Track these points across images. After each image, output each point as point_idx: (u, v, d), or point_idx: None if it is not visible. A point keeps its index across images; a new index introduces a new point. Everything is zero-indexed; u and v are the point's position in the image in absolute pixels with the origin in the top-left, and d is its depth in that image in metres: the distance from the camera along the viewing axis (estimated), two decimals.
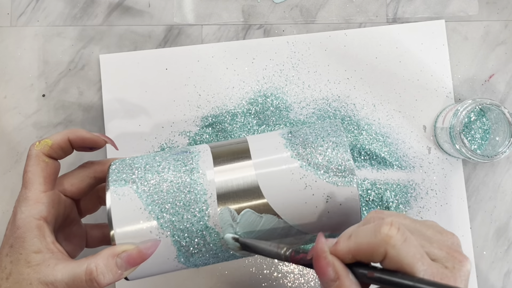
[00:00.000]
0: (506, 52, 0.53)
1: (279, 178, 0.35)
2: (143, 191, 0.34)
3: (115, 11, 0.55)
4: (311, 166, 0.35)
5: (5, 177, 0.53)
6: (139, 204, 0.34)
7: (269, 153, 0.36)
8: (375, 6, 0.54)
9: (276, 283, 0.51)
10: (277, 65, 0.53)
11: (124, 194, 0.34)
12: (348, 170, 0.35)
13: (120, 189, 0.35)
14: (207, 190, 0.34)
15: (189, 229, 0.34)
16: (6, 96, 0.53)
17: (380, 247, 0.27)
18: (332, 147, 0.35)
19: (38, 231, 0.34)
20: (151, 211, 0.34)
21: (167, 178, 0.35)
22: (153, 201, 0.34)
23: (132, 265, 0.34)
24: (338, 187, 0.35)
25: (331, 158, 0.35)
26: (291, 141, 0.36)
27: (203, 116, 0.53)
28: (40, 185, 0.36)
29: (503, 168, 0.52)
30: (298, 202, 0.35)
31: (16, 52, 0.54)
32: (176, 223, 0.34)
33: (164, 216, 0.34)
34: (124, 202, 0.34)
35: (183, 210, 0.34)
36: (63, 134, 0.37)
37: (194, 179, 0.35)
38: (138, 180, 0.35)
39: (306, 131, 0.37)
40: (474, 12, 0.54)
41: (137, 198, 0.34)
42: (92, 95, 0.53)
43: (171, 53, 0.53)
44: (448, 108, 0.51)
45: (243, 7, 0.54)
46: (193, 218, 0.34)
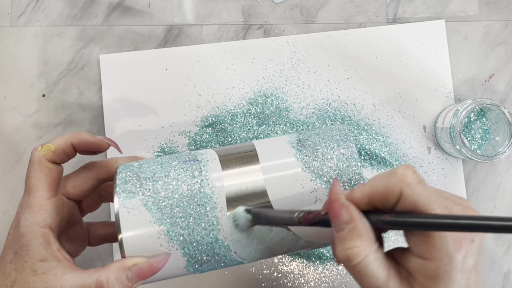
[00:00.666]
0: (506, 52, 0.53)
1: (289, 191, 0.35)
2: (153, 204, 0.34)
3: (115, 11, 0.55)
4: (322, 180, 0.35)
5: (5, 177, 0.53)
6: (148, 218, 0.34)
7: (280, 167, 0.36)
8: (375, 6, 0.54)
9: (276, 283, 0.51)
10: (277, 65, 0.53)
11: (133, 208, 0.34)
12: (358, 183, 0.34)
13: (128, 202, 0.34)
14: (217, 204, 0.34)
15: (199, 242, 0.34)
16: (6, 96, 0.53)
17: (395, 186, 0.27)
18: (343, 160, 0.35)
19: (43, 239, 0.34)
20: (161, 224, 0.34)
21: (176, 191, 0.34)
22: (162, 215, 0.34)
23: (143, 278, 0.34)
24: None
25: (342, 172, 0.35)
26: (301, 152, 0.36)
27: (203, 116, 0.53)
28: (44, 191, 0.35)
29: (503, 168, 0.52)
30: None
31: (16, 52, 0.54)
32: (186, 236, 0.34)
33: (174, 229, 0.34)
34: (133, 215, 0.34)
35: (193, 224, 0.34)
36: (66, 138, 0.37)
37: (204, 192, 0.34)
38: (147, 192, 0.34)
39: (315, 140, 0.37)
40: (474, 12, 0.54)
41: (146, 212, 0.34)
42: (92, 95, 0.53)
43: (171, 53, 0.53)
44: (448, 108, 0.51)
45: (243, 7, 0.54)
46: (203, 231, 0.34)
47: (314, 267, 0.51)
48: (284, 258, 0.51)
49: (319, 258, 0.51)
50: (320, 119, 0.52)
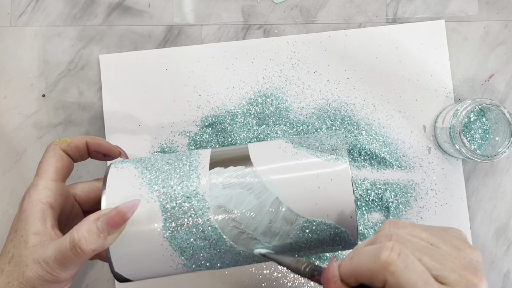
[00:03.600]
0: (506, 52, 0.53)
1: (270, 154, 0.36)
2: (141, 165, 0.37)
3: (115, 11, 0.55)
4: (303, 147, 0.36)
5: (5, 177, 0.53)
6: (134, 172, 0.36)
7: (265, 142, 0.39)
8: (375, 6, 0.54)
9: (276, 283, 0.51)
10: (277, 65, 0.53)
11: (123, 167, 0.37)
12: (340, 149, 0.36)
13: (120, 164, 0.37)
14: (199, 163, 0.36)
15: (178, 195, 0.34)
16: (6, 96, 0.53)
17: (379, 273, 0.26)
18: (327, 136, 0.37)
19: (41, 213, 0.35)
20: (143, 177, 0.35)
21: (164, 158, 0.38)
22: (147, 170, 0.36)
23: (113, 226, 0.33)
24: (329, 162, 0.35)
25: (324, 141, 0.37)
26: (288, 138, 0.38)
27: (203, 116, 0.53)
28: (51, 174, 0.37)
29: (503, 168, 0.52)
30: (289, 176, 0.35)
31: (16, 52, 0.54)
32: (167, 186, 0.35)
33: (156, 181, 0.35)
34: (121, 172, 0.36)
35: (175, 178, 0.35)
36: (82, 137, 0.40)
37: (191, 155, 0.37)
38: (140, 161, 0.37)
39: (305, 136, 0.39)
40: (474, 12, 0.54)
41: (134, 169, 0.36)
42: (92, 95, 0.53)
43: (171, 53, 0.53)
44: (448, 108, 0.51)
45: (243, 7, 0.54)
46: (184, 184, 0.35)
47: None
48: None
49: (319, 258, 0.51)
50: (320, 119, 0.52)
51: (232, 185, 0.35)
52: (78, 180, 0.52)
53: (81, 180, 0.52)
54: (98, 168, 0.52)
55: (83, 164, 0.52)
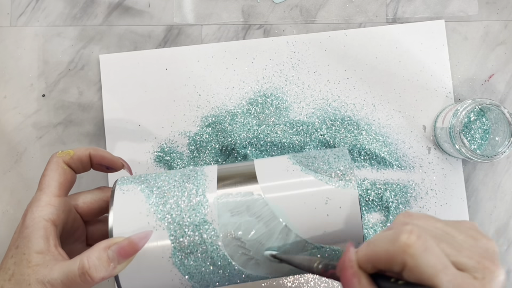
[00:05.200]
0: (506, 52, 0.53)
1: (278, 176, 0.35)
2: (147, 187, 0.35)
3: (115, 11, 0.55)
4: (311, 170, 0.35)
5: (5, 177, 0.53)
6: (141, 197, 0.35)
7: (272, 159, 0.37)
8: (375, 6, 0.54)
9: (276, 283, 0.51)
10: (277, 65, 0.53)
11: (128, 190, 0.35)
12: (348, 173, 0.35)
13: (125, 186, 0.36)
14: (207, 187, 0.35)
15: (186, 223, 0.34)
16: (6, 96, 0.53)
17: (398, 256, 0.26)
18: (333, 157, 0.36)
19: (44, 231, 0.34)
20: (151, 203, 0.35)
21: (170, 178, 0.36)
22: (154, 195, 0.35)
23: (124, 256, 0.33)
24: (337, 189, 0.34)
25: (332, 164, 0.35)
26: (294, 156, 0.37)
27: (203, 116, 0.53)
28: (54, 188, 0.37)
29: (503, 168, 0.52)
30: (297, 203, 0.34)
31: (16, 52, 0.54)
32: (175, 215, 0.34)
33: (164, 208, 0.34)
34: (127, 195, 0.35)
35: (183, 204, 0.35)
36: (85, 149, 0.39)
37: (197, 177, 0.36)
38: (144, 181, 0.36)
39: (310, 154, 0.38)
40: (474, 12, 0.54)
41: (140, 193, 0.35)
42: (92, 95, 0.53)
43: (171, 53, 0.53)
44: (448, 108, 0.51)
45: (243, 7, 0.54)
46: (192, 212, 0.34)
47: None
48: None
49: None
50: (320, 119, 0.52)
51: (240, 213, 0.34)
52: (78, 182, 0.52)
53: (80, 181, 0.52)
54: None
55: None
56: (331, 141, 0.51)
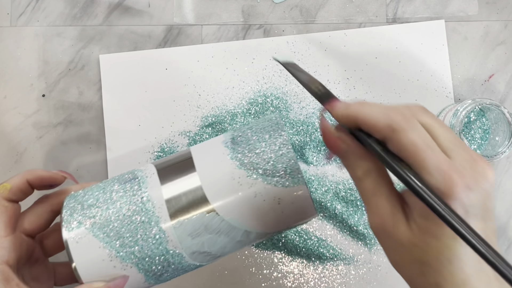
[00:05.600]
0: (506, 52, 0.53)
1: (228, 191, 0.35)
2: (99, 229, 0.35)
3: (115, 11, 0.55)
4: (258, 174, 0.35)
5: (5, 177, 0.53)
6: (97, 243, 0.35)
7: (215, 168, 0.36)
8: (375, 6, 0.54)
9: (276, 283, 0.51)
10: (277, 65, 0.53)
11: (81, 237, 0.35)
12: (294, 170, 0.35)
13: (76, 232, 0.35)
14: (160, 218, 0.35)
15: (151, 256, 0.35)
16: (6, 96, 0.53)
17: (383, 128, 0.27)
18: (275, 151, 0.36)
19: (1, 275, 0.34)
20: (110, 247, 0.35)
21: (119, 212, 0.35)
22: (110, 238, 0.35)
23: None
24: (287, 188, 0.35)
25: (276, 163, 0.35)
26: (235, 150, 0.36)
27: (203, 116, 0.53)
28: (0, 230, 0.36)
29: (503, 168, 0.52)
30: (252, 210, 0.35)
31: (16, 52, 0.54)
32: (137, 253, 0.35)
33: (124, 249, 0.35)
34: (82, 244, 0.35)
35: (141, 240, 0.35)
36: (21, 176, 0.38)
37: (146, 209, 0.35)
38: (92, 219, 0.35)
39: (248, 135, 0.37)
40: (474, 12, 0.54)
41: (94, 238, 0.35)
42: (92, 95, 0.53)
43: (171, 53, 0.53)
44: (448, 108, 0.51)
45: (243, 7, 0.54)
46: (153, 246, 0.35)
47: (314, 267, 0.51)
48: (284, 258, 0.51)
49: (319, 258, 0.51)
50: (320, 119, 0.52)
51: (200, 234, 0.35)
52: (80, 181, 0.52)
53: (82, 180, 0.52)
54: (98, 169, 0.52)
55: (83, 165, 0.53)
56: None
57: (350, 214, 0.51)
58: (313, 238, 0.51)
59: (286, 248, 0.51)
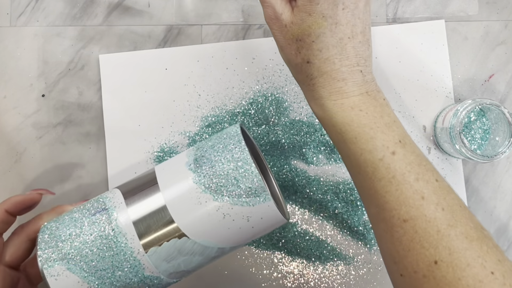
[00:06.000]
0: (506, 52, 0.53)
1: (196, 216, 0.36)
2: (75, 265, 0.36)
3: (115, 11, 0.54)
4: (223, 196, 0.36)
5: (5, 177, 0.53)
6: (75, 279, 0.36)
7: (181, 193, 0.37)
8: (375, 6, 0.54)
9: (276, 283, 0.51)
10: (277, 65, 0.53)
11: (58, 274, 0.36)
12: (259, 188, 0.36)
13: (53, 270, 0.36)
14: (133, 248, 0.36)
15: (130, 284, 0.36)
16: (6, 96, 0.53)
17: None
18: (239, 170, 0.36)
19: None
20: (89, 281, 0.36)
21: (93, 246, 0.36)
22: (87, 272, 0.36)
23: None
24: (254, 206, 0.36)
25: (240, 182, 0.36)
26: (199, 174, 0.37)
27: (203, 116, 0.53)
28: None
29: (503, 168, 0.52)
30: (222, 231, 0.36)
31: (16, 52, 0.54)
32: (116, 282, 0.36)
33: (103, 281, 0.36)
34: (61, 281, 0.36)
35: (118, 271, 0.36)
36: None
37: (118, 241, 0.36)
38: (67, 256, 0.36)
39: (210, 155, 0.38)
40: (474, 12, 0.54)
41: (72, 274, 0.36)
42: (91, 95, 0.53)
43: (171, 53, 0.53)
44: (448, 108, 0.51)
45: (243, 7, 0.54)
46: (130, 275, 0.36)
47: (314, 267, 0.51)
48: (284, 259, 0.51)
49: (319, 258, 0.51)
50: None
51: (175, 257, 0.37)
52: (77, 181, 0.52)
53: (80, 181, 0.52)
54: (98, 169, 0.52)
55: (83, 165, 0.53)
56: (331, 141, 0.51)
57: (350, 214, 0.51)
58: (313, 238, 0.51)
59: (286, 248, 0.51)
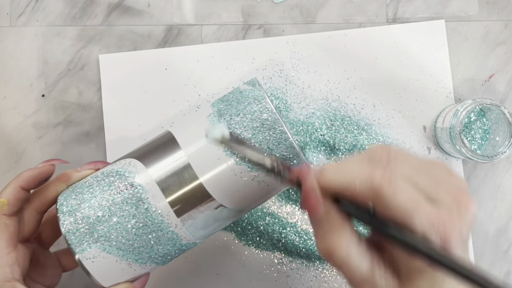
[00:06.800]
0: (506, 52, 0.53)
1: (232, 185, 0.36)
2: (110, 246, 0.35)
3: (115, 11, 0.54)
4: (254, 165, 0.36)
5: (5, 177, 0.53)
6: (113, 258, 0.35)
7: (216, 168, 0.36)
8: (375, 6, 0.54)
9: (276, 283, 0.51)
10: (277, 65, 0.53)
11: (94, 256, 0.35)
12: (293, 155, 0.36)
13: (88, 253, 0.35)
14: (170, 224, 0.36)
15: (167, 254, 0.37)
16: (6, 96, 0.53)
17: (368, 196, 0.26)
18: (274, 143, 0.36)
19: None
20: (127, 258, 0.36)
21: (127, 226, 0.35)
22: (124, 251, 0.35)
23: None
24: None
25: (274, 151, 0.36)
26: (231, 148, 0.36)
27: None
28: (3, 248, 0.35)
29: (503, 168, 0.52)
30: (256, 196, 0.37)
31: (16, 52, 0.54)
32: (154, 255, 0.36)
33: (141, 256, 0.36)
34: (97, 262, 0.35)
35: (156, 245, 0.36)
36: (13, 186, 0.37)
37: (154, 220, 0.36)
38: (101, 238, 0.35)
39: (241, 125, 0.36)
40: (474, 12, 0.54)
41: (109, 255, 0.35)
42: (91, 95, 0.53)
43: (171, 53, 0.53)
44: (448, 108, 0.51)
45: (243, 7, 0.54)
46: (168, 246, 0.37)
47: (314, 267, 0.51)
48: (284, 259, 0.51)
49: (319, 258, 0.50)
50: (320, 119, 0.52)
51: (211, 224, 0.38)
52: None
53: None
54: None
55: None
56: (331, 141, 0.51)
57: None
58: (313, 238, 0.51)
59: (286, 248, 0.51)
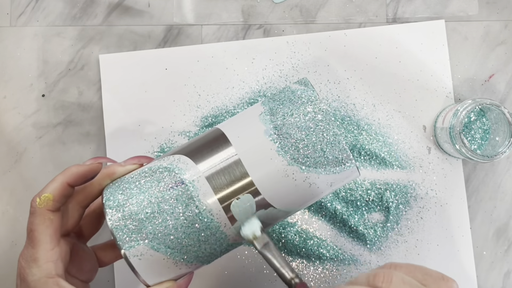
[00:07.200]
0: (506, 52, 0.53)
1: (283, 188, 0.36)
2: (158, 244, 0.35)
3: (115, 11, 0.54)
4: (310, 166, 0.35)
5: (5, 177, 0.53)
6: (160, 256, 0.35)
7: (267, 169, 0.35)
8: (375, 6, 0.54)
9: (276, 283, 0.51)
10: (277, 65, 0.53)
11: (142, 253, 0.35)
12: (345, 158, 0.36)
13: (135, 250, 0.35)
14: (220, 223, 0.35)
15: (213, 253, 0.37)
16: (6, 96, 0.53)
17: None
18: (326, 142, 0.35)
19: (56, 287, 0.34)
20: (174, 256, 0.35)
21: (177, 224, 0.35)
22: (172, 249, 0.35)
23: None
24: (340, 174, 0.36)
25: (327, 153, 0.35)
26: (282, 146, 0.35)
27: (203, 116, 0.53)
28: (47, 243, 0.35)
29: (503, 168, 0.52)
30: (306, 198, 0.37)
31: (16, 52, 0.54)
32: (201, 254, 0.36)
33: (187, 254, 0.36)
34: (145, 260, 0.35)
35: (204, 244, 0.35)
36: (59, 181, 0.37)
37: (204, 219, 0.35)
38: (149, 236, 0.35)
39: (291, 124, 0.36)
40: (474, 12, 0.54)
41: (156, 252, 0.35)
42: (91, 95, 0.53)
43: (171, 53, 0.53)
44: (448, 108, 0.51)
45: (243, 7, 0.54)
46: (215, 246, 0.36)
47: (314, 267, 0.51)
48: None
49: (319, 258, 0.51)
50: None
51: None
52: None
53: None
54: None
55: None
56: None
57: (350, 214, 0.51)
58: (313, 238, 0.51)
59: (286, 248, 0.51)
